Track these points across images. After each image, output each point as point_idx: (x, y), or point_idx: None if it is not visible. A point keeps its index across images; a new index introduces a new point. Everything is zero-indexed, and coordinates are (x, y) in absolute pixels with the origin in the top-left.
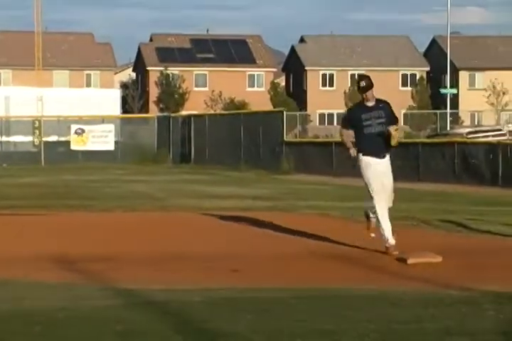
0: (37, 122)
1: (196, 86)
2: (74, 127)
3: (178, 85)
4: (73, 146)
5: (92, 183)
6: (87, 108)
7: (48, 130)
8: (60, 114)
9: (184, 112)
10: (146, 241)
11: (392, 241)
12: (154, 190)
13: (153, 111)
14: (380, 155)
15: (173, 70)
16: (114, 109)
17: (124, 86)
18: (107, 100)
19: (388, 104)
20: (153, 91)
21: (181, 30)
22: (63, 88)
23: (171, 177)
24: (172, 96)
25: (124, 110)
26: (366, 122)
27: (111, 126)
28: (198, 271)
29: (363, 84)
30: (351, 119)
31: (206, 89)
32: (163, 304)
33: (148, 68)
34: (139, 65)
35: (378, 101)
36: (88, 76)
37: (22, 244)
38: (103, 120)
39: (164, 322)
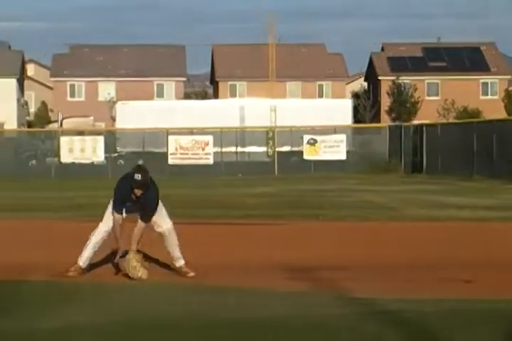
0: (270, 133)
1: (428, 95)
2: (306, 137)
3: (409, 94)
4: (306, 156)
5: (325, 193)
6: (319, 118)
7: (281, 140)
8: (293, 124)
9: (416, 121)
10: (380, 251)
11: None
12: (386, 199)
13: (385, 121)
14: None
15: (405, 79)
16: (346, 118)
17: (355, 96)
18: (339, 110)
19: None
20: (385, 101)
21: (412, 39)
22: (295, 99)
23: (403, 187)
24: (404, 105)
25: (356, 120)
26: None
27: (343, 136)
28: (430, 281)
29: (138, 177)
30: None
31: (438, 97)
32: (395, 314)
33: (379, 78)
34: (371, 75)
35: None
36: (320, 86)
37: (255, 252)
38: (335, 130)
39: (397, 332)
